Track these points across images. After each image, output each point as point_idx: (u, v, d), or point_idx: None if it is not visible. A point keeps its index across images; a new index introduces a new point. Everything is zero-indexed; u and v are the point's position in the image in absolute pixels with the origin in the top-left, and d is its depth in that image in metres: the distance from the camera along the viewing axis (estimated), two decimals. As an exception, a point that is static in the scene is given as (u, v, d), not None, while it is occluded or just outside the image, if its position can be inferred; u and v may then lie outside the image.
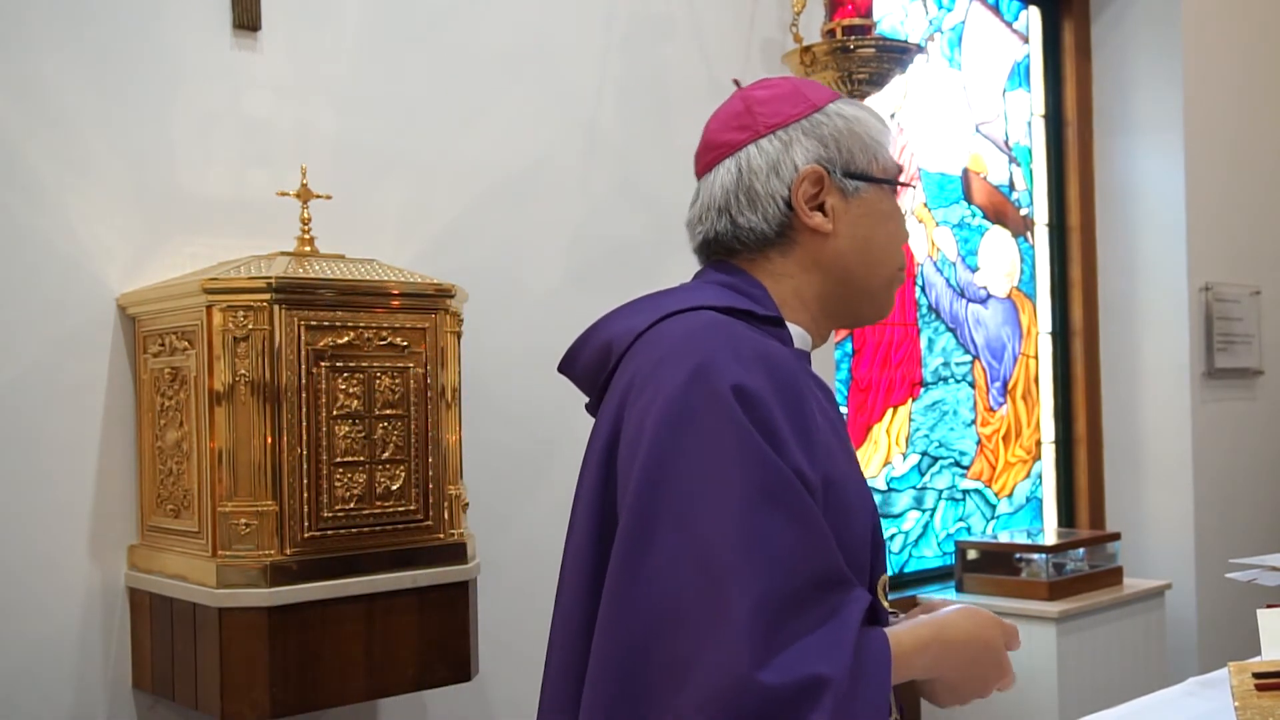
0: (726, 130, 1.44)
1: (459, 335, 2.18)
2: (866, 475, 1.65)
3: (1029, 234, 4.50)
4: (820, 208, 1.39)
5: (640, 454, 1.21)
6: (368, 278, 2.07)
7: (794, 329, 1.40)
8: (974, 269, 4.26)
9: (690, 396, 1.20)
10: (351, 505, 2.00)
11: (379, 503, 2.03)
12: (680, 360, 1.23)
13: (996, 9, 4.40)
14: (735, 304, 1.34)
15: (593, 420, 1.38)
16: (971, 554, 3.78)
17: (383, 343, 2.04)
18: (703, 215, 1.43)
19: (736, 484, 1.16)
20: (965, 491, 4.19)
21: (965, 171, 4.23)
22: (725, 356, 1.23)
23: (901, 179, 1.45)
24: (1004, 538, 3.89)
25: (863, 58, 3.02)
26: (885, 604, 1.38)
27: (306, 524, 1.95)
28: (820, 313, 1.43)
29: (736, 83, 1.51)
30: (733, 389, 1.19)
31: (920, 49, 3.15)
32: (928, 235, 4.08)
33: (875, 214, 1.41)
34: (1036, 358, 4.51)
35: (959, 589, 3.74)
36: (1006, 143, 4.41)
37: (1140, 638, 3.83)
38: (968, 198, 4.24)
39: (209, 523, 1.95)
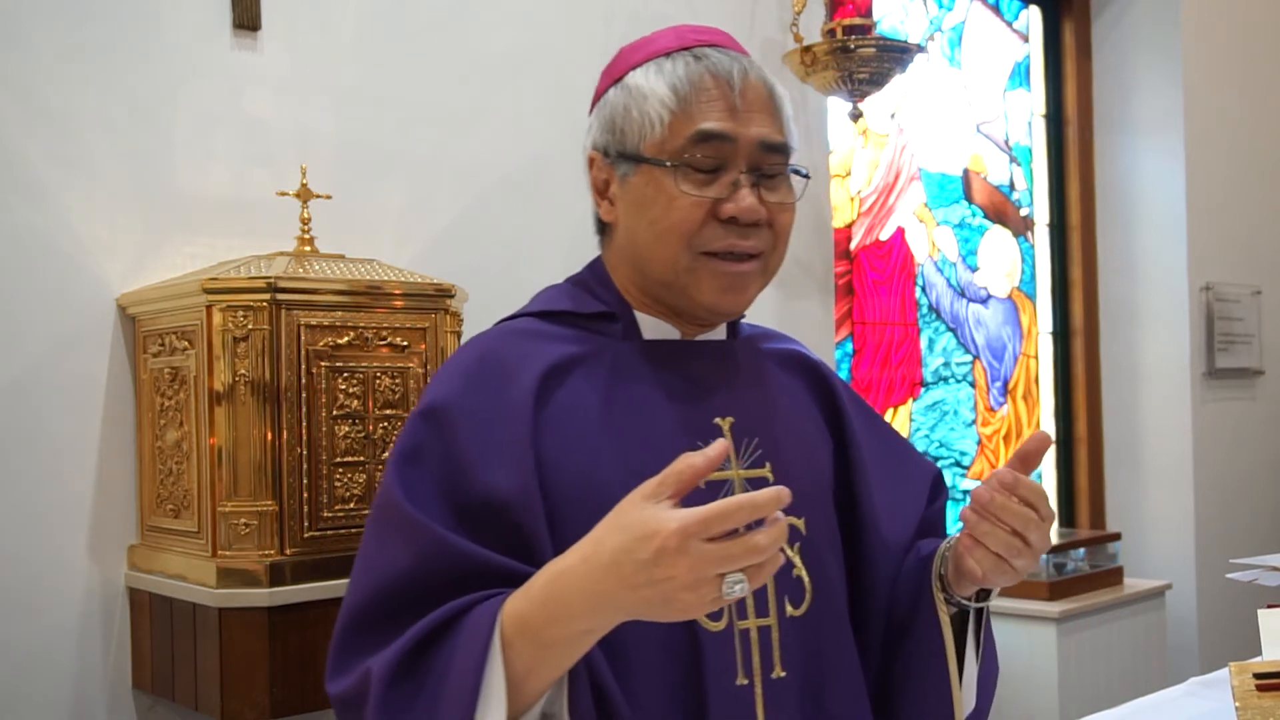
0: None
1: (459, 335, 2.18)
2: None
3: (1029, 234, 4.50)
4: (609, 195, 1.32)
5: None
6: (368, 278, 2.07)
7: (647, 319, 1.34)
8: (974, 269, 4.26)
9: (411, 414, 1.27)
10: (351, 505, 2.00)
11: (379, 503, 2.03)
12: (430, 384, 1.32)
13: (996, 9, 4.40)
14: (554, 306, 1.35)
15: None
16: (972, 554, 3.77)
17: (383, 343, 2.04)
18: None
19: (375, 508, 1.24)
20: (966, 492, 4.19)
21: (965, 171, 4.23)
22: (440, 378, 1.27)
23: (696, 152, 1.25)
24: (1004, 538, 3.88)
25: (863, 58, 3.02)
26: (706, 624, 1.22)
27: (306, 524, 1.95)
28: (656, 304, 1.34)
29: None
30: (422, 414, 1.23)
31: (920, 49, 3.15)
32: (928, 235, 4.08)
33: (640, 199, 1.28)
34: (1037, 358, 4.51)
35: (959, 589, 3.74)
36: (1007, 142, 4.41)
37: (1140, 638, 3.83)
38: (968, 197, 4.24)
39: (209, 523, 1.95)
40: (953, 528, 1.42)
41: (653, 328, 1.34)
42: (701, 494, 1.09)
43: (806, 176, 1.32)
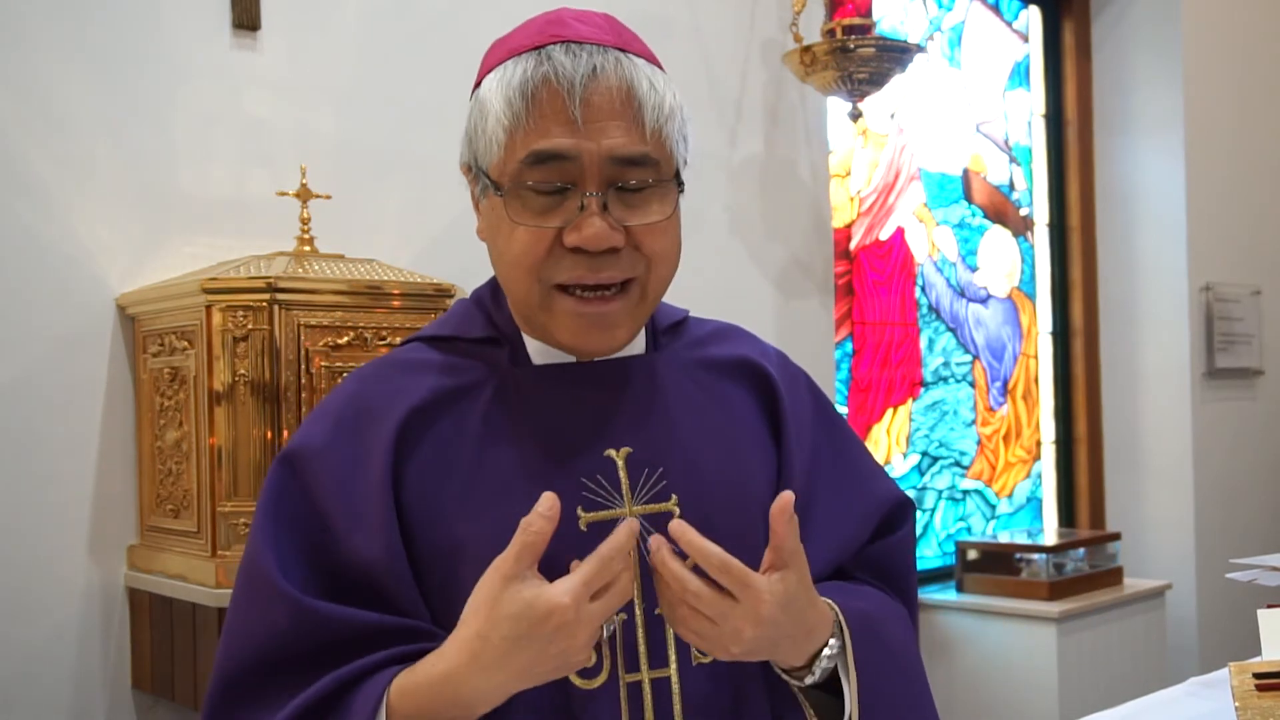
0: None
1: (459, 335, 2.18)
2: None
3: (1029, 234, 4.50)
4: (481, 211, 1.19)
5: None
6: (367, 278, 2.07)
7: (535, 343, 1.19)
8: (974, 269, 4.26)
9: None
10: (351, 505, 2.00)
11: (379, 503, 2.02)
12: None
13: (996, 9, 4.40)
14: (442, 331, 1.22)
15: None
16: (972, 554, 3.78)
17: (382, 343, 2.04)
18: None
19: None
20: (965, 491, 4.19)
21: (965, 171, 4.23)
22: (309, 420, 1.19)
23: (530, 177, 1.09)
24: (1004, 538, 3.89)
25: (863, 57, 3.02)
26: (577, 681, 1.10)
27: (306, 524, 1.95)
28: (535, 331, 1.18)
29: None
30: (284, 459, 1.14)
31: (920, 49, 3.16)
32: (928, 235, 4.08)
33: (490, 225, 1.15)
34: (1037, 358, 4.51)
35: (959, 589, 3.74)
36: (1006, 143, 4.41)
37: (1140, 638, 3.83)
38: (968, 197, 4.24)
39: (209, 523, 1.95)
40: (953, 528, 1.35)
41: (543, 352, 1.18)
42: (595, 538, 1.04)
43: (680, 187, 1.14)
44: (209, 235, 2.23)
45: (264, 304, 1.94)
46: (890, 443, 3.92)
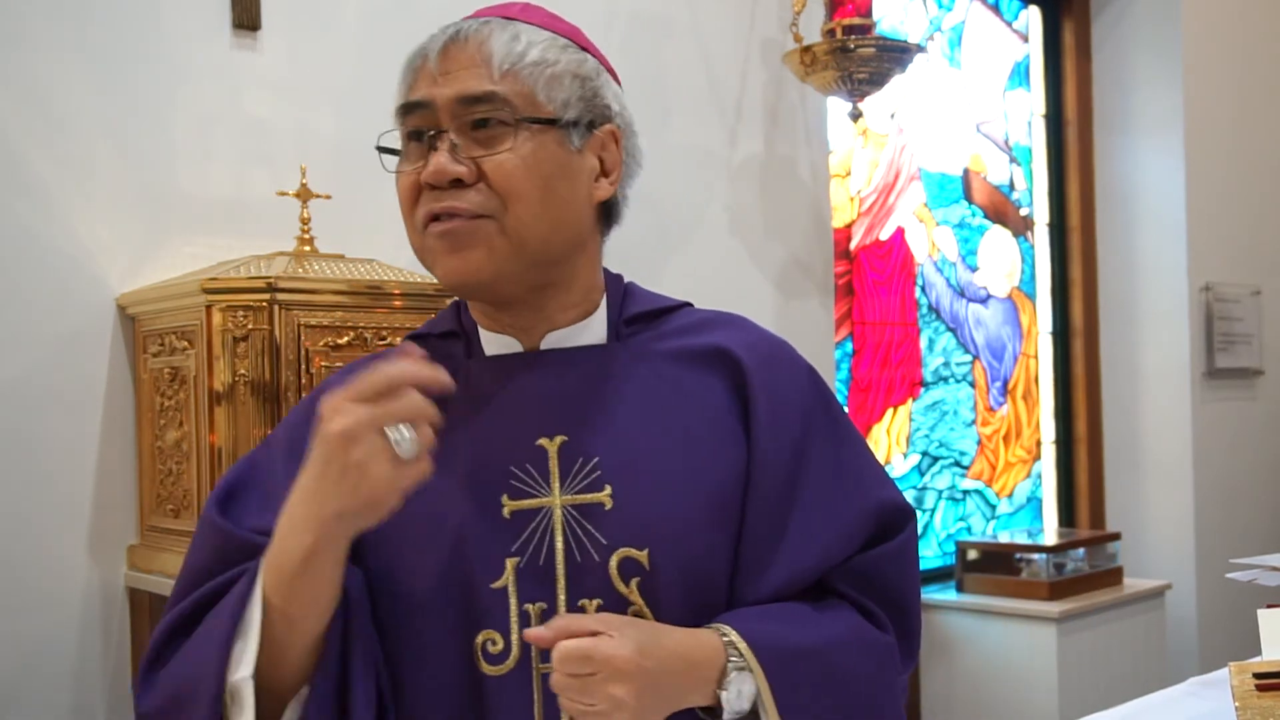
0: None
1: (459, 335, 2.18)
2: None
3: (1029, 234, 4.50)
4: None
5: None
6: (367, 278, 2.07)
7: (488, 335, 1.23)
8: (974, 269, 4.26)
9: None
10: (351, 505, 2.00)
11: (379, 503, 2.02)
12: None
13: (996, 9, 4.40)
14: (419, 329, 1.30)
15: None
16: (972, 554, 3.78)
17: (382, 343, 2.04)
18: None
19: None
20: (965, 491, 4.19)
21: (965, 171, 4.23)
22: (282, 422, 1.29)
23: (404, 130, 1.21)
24: (1004, 538, 3.89)
25: (863, 57, 3.02)
26: (485, 667, 1.11)
27: (306, 524, 1.95)
28: (485, 319, 1.24)
29: None
30: (261, 443, 1.27)
31: (920, 49, 3.16)
32: (928, 235, 4.08)
33: None
34: (1037, 358, 4.51)
35: (959, 589, 3.75)
36: (1006, 142, 4.41)
37: (1140, 638, 3.83)
38: (968, 197, 4.24)
39: (209, 523, 1.95)
40: (953, 528, 1.32)
41: (494, 342, 1.22)
42: (516, 523, 1.12)
43: (524, 121, 1.14)
44: (209, 235, 2.23)
45: (264, 304, 1.94)
46: (890, 443, 3.92)
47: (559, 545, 1.13)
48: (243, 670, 1.04)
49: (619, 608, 1.12)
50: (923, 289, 4.06)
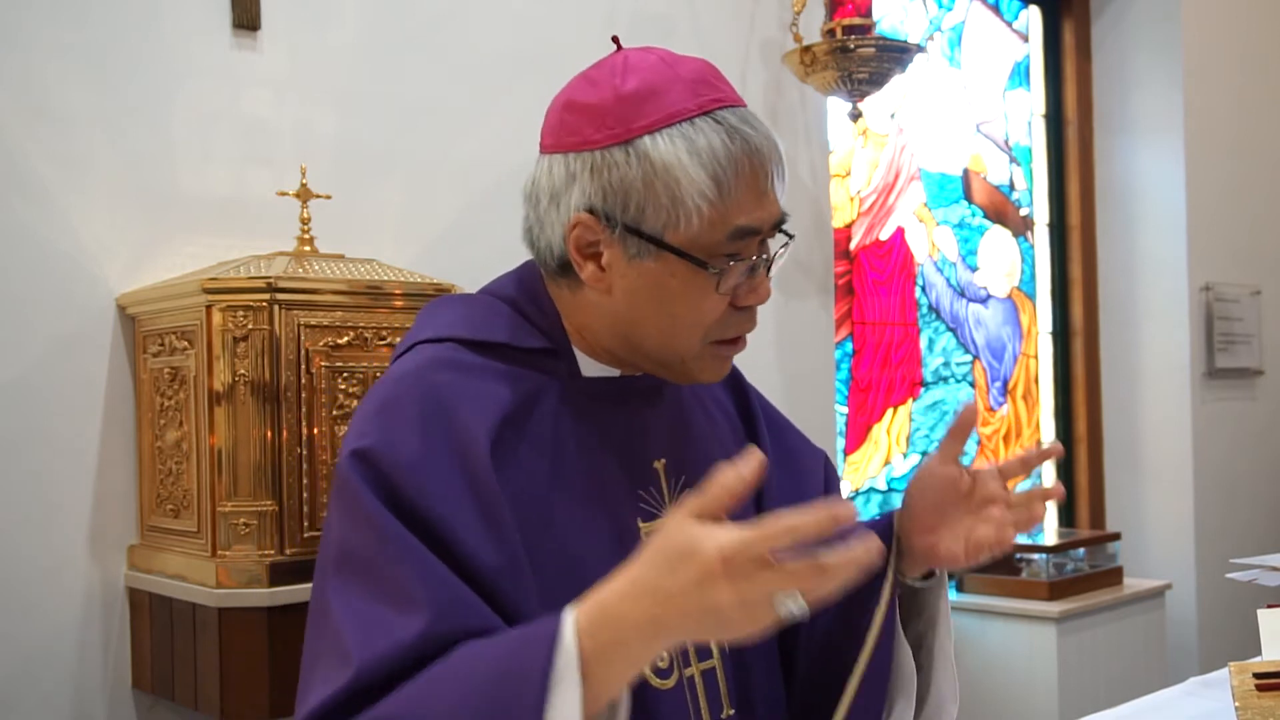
0: (551, 113, 1.25)
1: (459, 335, 2.18)
2: (867, 475, 1.57)
3: (1029, 234, 4.50)
4: (599, 258, 1.17)
5: None
6: (367, 278, 2.07)
7: (586, 359, 1.24)
8: (974, 269, 4.26)
9: (341, 453, 1.14)
10: (351, 505, 2.00)
11: (379, 503, 2.02)
12: (354, 419, 1.18)
13: (996, 9, 4.40)
14: (488, 336, 1.21)
15: None
16: (972, 554, 3.78)
17: (382, 343, 2.04)
18: (525, 192, 1.26)
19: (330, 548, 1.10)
20: (965, 491, 4.18)
21: (965, 171, 4.23)
22: (381, 421, 1.12)
23: (729, 249, 1.14)
24: (1004, 538, 3.88)
25: (863, 57, 3.02)
26: (655, 681, 1.17)
27: (306, 524, 1.95)
28: (626, 355, 1.23)
29: (616, 41, 1.29)
30: (359, 456, 1.09)
31: (920, 49, 3.15)
32: (928, 235, 4.08)
33: (659, 289, 1.15)
34: (1037, 358, 4.51)
35: (959, 589, 3.75)
36: (1006, 142, 4.41)
37: (1140, 638, 3.84)
38: (968, 197, 4.24)
39: (209, 523, 1.95)
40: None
41: (592, 366, 1.24)
42: (639, 545, 1.04)
43: (793, 236, 1.22)
44: (209, 235, 2.23)
45: (264, 304, 1.94)
46: (890, 443, 3.92)
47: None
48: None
49: None
50: (923, 289, 4.06)
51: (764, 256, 1.17)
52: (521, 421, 1.17)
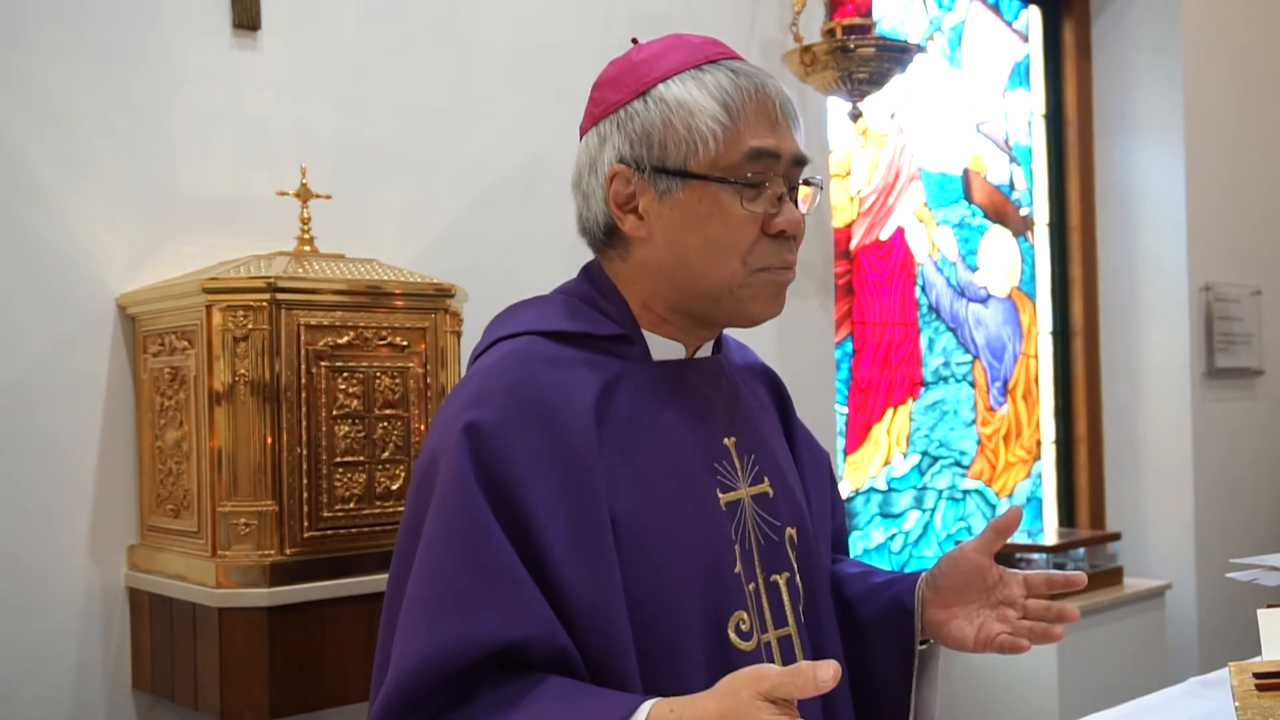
0: (588, 104, 1.37)
1: (459, 335, 2.18)
2: (867, 475, 1.67)
3: (1029, 234, 4.50)
4: (636, 209, 1.28)
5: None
6: (368, 278, 2.07)
7: (656, 339, 1.34)
8: (974, 269, 4.26)
9: (431, 441, 1.24)
10: (351, 505, 2.00)
11: (379, 502, 2.03)
12: (443, 412, 1.25)
13: (996, 9, 4.40)
14: (566, 326, 1.30)
15: None
16: (972, 554, 3.77)
17: (382, 342, 2.04)
18: (572, 182, 1.37)
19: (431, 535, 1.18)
20: (965, 491, 4.18)
21: (965, 171, 4.23)
22: (479, 401, 1.20)
23: (749, 170, 1.25)
24: (1004, 538, 3.88)
25: (863, 57, 3.02)
26: (739, 643, 1.27)
27: (306, 524, 1.95)
28: (679, 319, 1.33)
29: (635, 42, 1.39)
30: (465, 427, 1.18)
31: (920, 49, 3.15)
32: (928, 235, 4.08)
33: (691, 216, 1.26)
34: (1037, 357, 4.51)
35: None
36: (1006, 142, 4.41)
37: (1140, 638, 3.83)
38: (968, 197, 4.24)
39: (209, 523, 1.95)
40: (954, 528, 1.46)
41: (661, 348, 1.34)
42: (729, 513, 1.29)
43: (821, 186, 1.34)
44: (209, 235, 2.23)
45: (264, 304, 1.94)
46: (890, 443, 3.92)
47: (752, 529, 1.32)
48: None
49: (793, 578, 1.36)
50: (923, 289, 4.05)
51: (790, 185, 1.28)
52: (607, 404, 1.25)
